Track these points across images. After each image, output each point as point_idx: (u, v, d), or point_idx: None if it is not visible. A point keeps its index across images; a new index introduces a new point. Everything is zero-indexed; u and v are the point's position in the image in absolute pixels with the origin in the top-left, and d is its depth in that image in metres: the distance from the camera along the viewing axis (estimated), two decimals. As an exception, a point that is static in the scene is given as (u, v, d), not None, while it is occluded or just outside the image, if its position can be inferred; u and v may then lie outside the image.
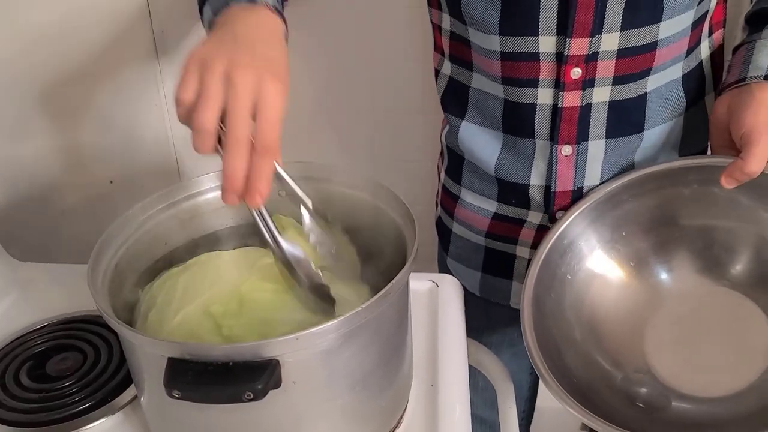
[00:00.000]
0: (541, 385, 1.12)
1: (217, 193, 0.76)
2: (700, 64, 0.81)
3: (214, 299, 0.65)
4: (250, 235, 0.74)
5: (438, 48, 0.87)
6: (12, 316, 0.86)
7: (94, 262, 0.65)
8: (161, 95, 1.08)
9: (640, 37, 0.72)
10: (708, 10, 0.77)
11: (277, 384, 0.56)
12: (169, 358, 0.56)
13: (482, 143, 0.84)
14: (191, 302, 0.65)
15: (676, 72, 0.78)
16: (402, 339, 0.67)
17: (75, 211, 1.12)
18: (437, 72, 0.89)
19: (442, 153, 0.95)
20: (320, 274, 0.65)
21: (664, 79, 0.78)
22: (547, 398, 1.17)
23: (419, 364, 0.76)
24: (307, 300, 0.66)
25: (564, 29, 0.71)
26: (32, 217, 1.12)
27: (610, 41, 0.72)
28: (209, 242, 0.75)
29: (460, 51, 0.82)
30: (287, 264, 0.64)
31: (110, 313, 0.60)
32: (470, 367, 0.82)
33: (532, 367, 1.08)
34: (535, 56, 0.74)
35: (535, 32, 0.72)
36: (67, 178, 1.11)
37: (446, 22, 0.82)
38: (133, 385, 0.72)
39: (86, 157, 1.11)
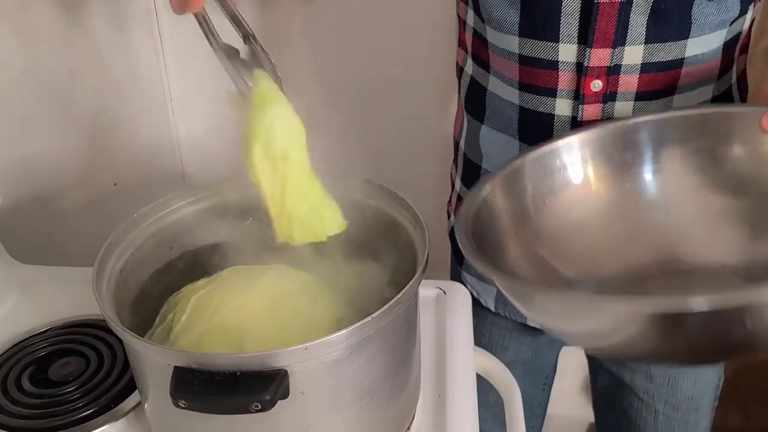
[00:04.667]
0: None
1: (224, 199, 0.76)
2: (730, 88, 0.78)
3: (210, 332, 0.64)
4: (257, 241, 0.73)
5: (462, 44, 0.84)
6: (14, 319, 0.85)
7: (99, 268, 0.65)
8: (166, 97, 1.07)
9: (665, 52, 0.69)
10: (741, 32, 0.74)
11: (285, 394, 0.55)
12: (176, 367, 0.55)
13: (500, 151, 0.81)
14: (191, 331, 0.64)
15: (705, 94, 0.75)
16: (410, 348, 0.66)
17: (78, 213, 1.12)
18: (460, 69, 0.86)
19: (455, 160, 0.92)
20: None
21: (692, 101, 0.75)
22: (556, 405, 1.17)
23: (427, 372, 0.75)
24: None
25: (585, 38, 0.69)
26: (35, 218, 1.11)
27: (633, 54, 0.69)
28: (215, 248, 0.74)
29: (479, 50, 0.79)
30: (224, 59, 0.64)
31: (116, 320, 0.59)
32: (483, 382, 0.81)
33: (544, 384, 1.08)
34: (554, 64, 0.71)
35: (555, 39, 0.70)
36: (70, 180, 1.11)
37: (470, 17, 0.79)
38: (137, 391, 0.71)
39: (90, 159, 1.10)
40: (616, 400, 0.98)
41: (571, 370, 1.03)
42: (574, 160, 0.71)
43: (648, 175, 0.72)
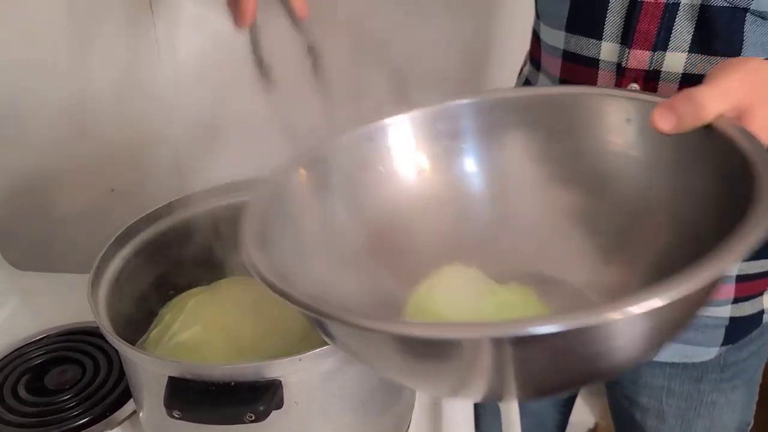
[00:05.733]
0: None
1: (219, 205, 0.76)
2: None
3: (209, 330, 0.64)
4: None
5: (529, 50, 0.85)
6: (10, 326, 0.85)
7: (95, 276, 0.65)
8: (164, 101, 1.08)
9: (710, 65, 0.65)
10: None
11: (279, 405, 0.55)
12: (170, 377, 0.55)
13: None
14: (189, 328, 0.64)
15: None
16: (405, 357, 0.66)
17: (75, 220, 1.11)
18: (520, 72, 0.86)
19: None
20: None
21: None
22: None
23: (422, 381, 0.75)
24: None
25: (626, 38, 0.66)
26: (32, 225, 1.11)
27: (674, 61, 0.65)
28: (212, 257, 0.75)
29: (534, 49, 0.79)
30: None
31: (111, 329, 0.59)
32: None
33: (564, 406, 1.05)
34: (594, 62, 0.69)
35: (599, 36, 0.68)
36: (67, 186, 1.11)
37: (535, 20, 0.79)
38: (132, 399, 0.71)
39: (87, 165, 1.10)
40: None
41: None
42: (394, 145, 0.60)
43: (485, 166, 0.61)
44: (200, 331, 0.64)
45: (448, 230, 0.60)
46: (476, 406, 0.75)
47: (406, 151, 0.61)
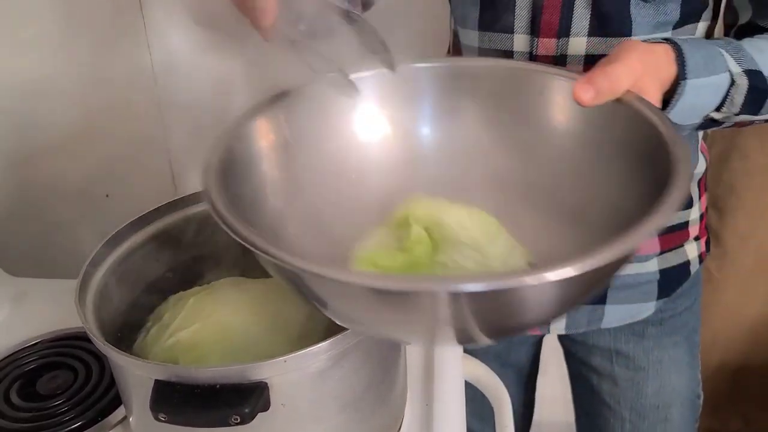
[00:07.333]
0: (538, 401, 1.11)
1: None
2: None
3: (208, 328, 0.65)
4: (246, 254, 0.73)
5: (449, 51, 0.90)
6: (4, 332, 0.85)
7: (83, 281, 0.65)
8: (158, 106, 1.08)
9: (607, 46, 0.73)
10: None
11: (265, 407, 0.55)
12: (156, 381, 0.55)
13: None
14: (186, 328, 0.64)
15: None
16: (395, 358, 0.66)
17: (70, 225, 1.12)
18: None
19: None
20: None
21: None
22: (545, 412, 1.17)
23: (414, 381, 0.75)
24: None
25: (534, 29, 0.74)
26: (26, 230, 1.11)
27: (577, 45, 0.73)
28: (203, 260, 0.75)
29: (456, 49, 0.85)
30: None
31: (98, 334, 0.59)
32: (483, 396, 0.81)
33: (526, 382, 1.07)
34: (509, 54, 0.76)
35: (510, 30, 0.75)
36: (62, 192, 1.11)
37: (452, 20, 0.85)
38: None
39: (82, 171, 1.10)
40: (589, 411, 0.98)
41: (562, 375, 1.02)
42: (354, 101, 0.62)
43: (439, 128, 0.65)
44: (199, 329, 0.64)
45: (398, 187, 0.64)
46: (468, 410, 0.75)
47: (365, 106, 0.64)
